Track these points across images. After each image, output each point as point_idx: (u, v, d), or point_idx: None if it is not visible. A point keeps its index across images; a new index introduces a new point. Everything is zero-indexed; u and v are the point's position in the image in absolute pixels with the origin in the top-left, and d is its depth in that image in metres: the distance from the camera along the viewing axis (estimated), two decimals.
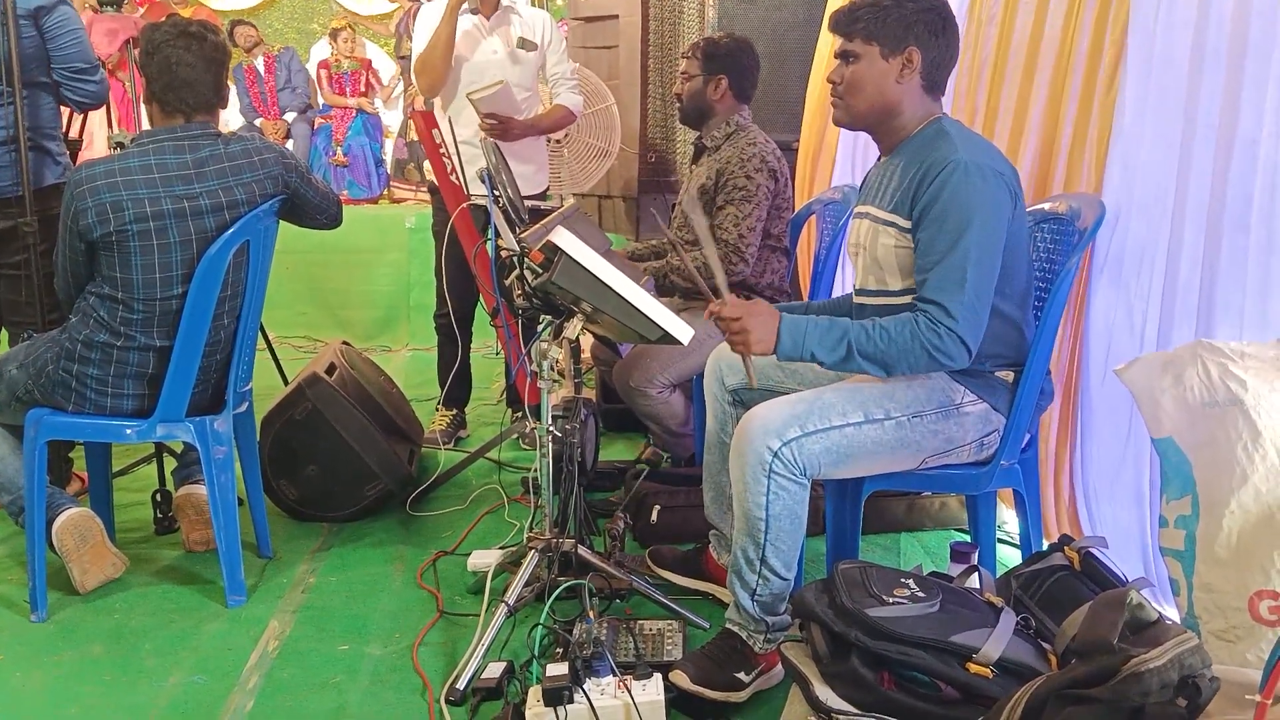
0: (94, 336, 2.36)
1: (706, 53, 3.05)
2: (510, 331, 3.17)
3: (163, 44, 2.32)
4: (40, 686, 2.11)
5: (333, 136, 7.05)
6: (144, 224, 2.29)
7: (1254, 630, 1.64)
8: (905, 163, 2.00)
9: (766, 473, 1.88)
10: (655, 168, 4.29)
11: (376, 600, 2.51)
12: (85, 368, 2.37)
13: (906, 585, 1.72)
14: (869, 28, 1.99)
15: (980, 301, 1.89)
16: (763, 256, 3.02)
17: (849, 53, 2.02)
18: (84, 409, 2.40)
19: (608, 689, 1.88)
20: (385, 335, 5.63)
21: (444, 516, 3.04)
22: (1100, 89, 2.22)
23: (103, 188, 2.27)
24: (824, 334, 1.90)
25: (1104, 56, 2.20)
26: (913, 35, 1.98)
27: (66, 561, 2.44)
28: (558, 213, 2.47)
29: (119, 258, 2.31)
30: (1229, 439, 1.70)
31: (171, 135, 2.35)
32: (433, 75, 3.45)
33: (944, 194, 1.89)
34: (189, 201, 2.33)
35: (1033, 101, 2.47)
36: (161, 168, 2.31)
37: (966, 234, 1.87)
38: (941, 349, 1.86)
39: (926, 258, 1.91)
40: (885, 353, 1.88)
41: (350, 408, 2.95)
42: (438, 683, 2.10)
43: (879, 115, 2.05)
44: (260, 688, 2.11)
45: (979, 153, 1.93)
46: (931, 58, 2.00)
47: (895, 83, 2.00)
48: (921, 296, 1.91)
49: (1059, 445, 2.44)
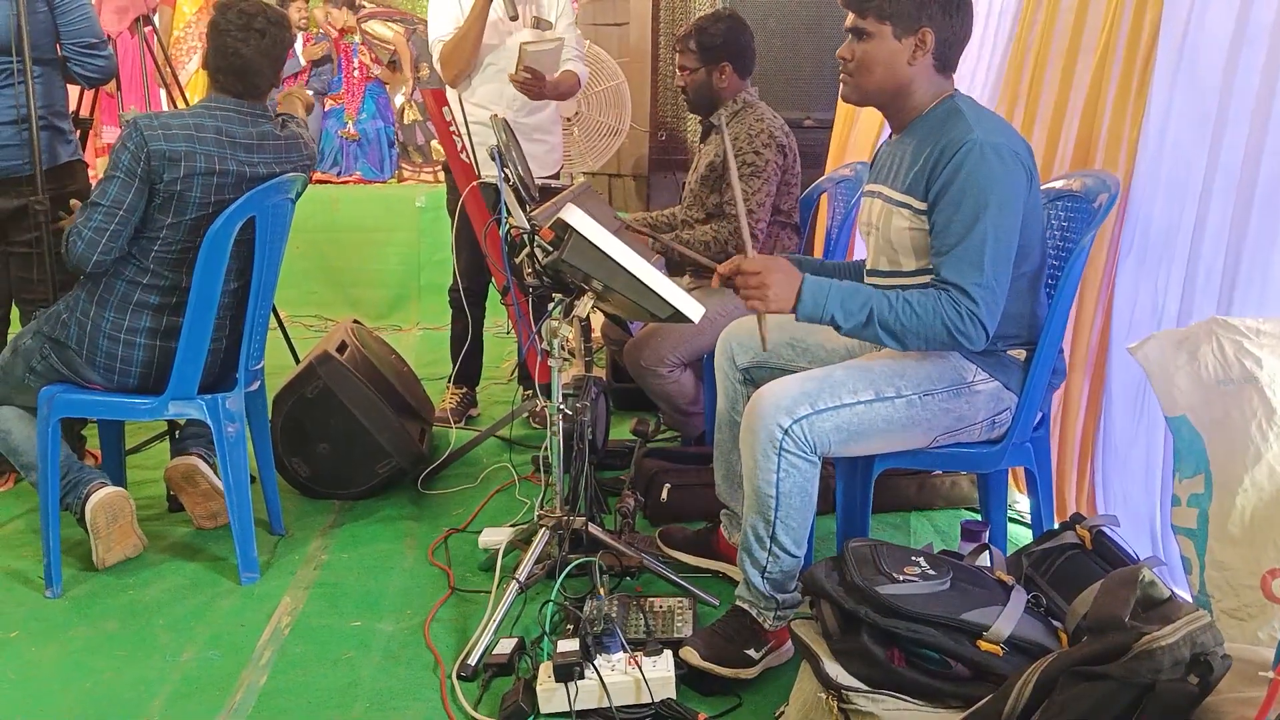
0: (118, 274, 2.39)
1: (702, 44, 3.01)
2: (521, 310, 3.16)
3: (226, 31, 2.39)
4: (54, 661, 2.13)
5: (345, 115, 7.03)
6: (209, 179, 2.36)
7: (1266, 608, 1.63)
8: (918, 142, 1.98)
9: (777, 450, 1.87)
10: (665, 145, 4.28)
11: (388, 577, 2.52)
12: (102, 309, 2.39)
13: (917, 563, 1.72)
14: (882, 6, 1.95)
15: (999, 284, 1.88)
16: (772, 232, 3.01)
17: (860, 30, 1.98)
18: (94, 363, 2.41)
19: (618, 665, 1.89)
20: (396, 314, 5.63)
21: (455, 494, 3.04)
22: (1137, 69, 2.19)
23: (179, 135, 2.32)
24: (847, 297, 1.89)
25: (1142, 36, 2.17)
26: (926, 15, 1.95)
27: (94, 538, 2.47)
28: (568, 190, 2.46)
29: (176, 206, 2.35)
30: (1243, 417, 1.68)
31: (237, 107, 2.43)
32: (460, 66, 3.43)
33: (960, 175, 1.87)
34: (249, 169, 2.42)
35: (1074, 86, 2.44)
36: (230, 133, 2.40)
37: (984, 216, 1.85)
38: (962, 329, 1.86)
39: (943, 240, 1.89)
40: (906, 325, 1.87)
41: (362, 386, 2.95)
42: (449, 659, 2.11)
43: (889, 95, 2.02)
44: (273, 663, 2.12)
45: (994, 131, 1.91)
46: (944, 37, 1.97)
47: (907, 63, 1.97)
48: (940, 277, 1.89)
49: (1087, 425, 2.43)
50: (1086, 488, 2.44)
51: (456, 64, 3.43)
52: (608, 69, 4.30)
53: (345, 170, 7.00)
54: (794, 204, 3.05)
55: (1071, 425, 2.44)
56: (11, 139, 2.80)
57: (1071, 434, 2.45)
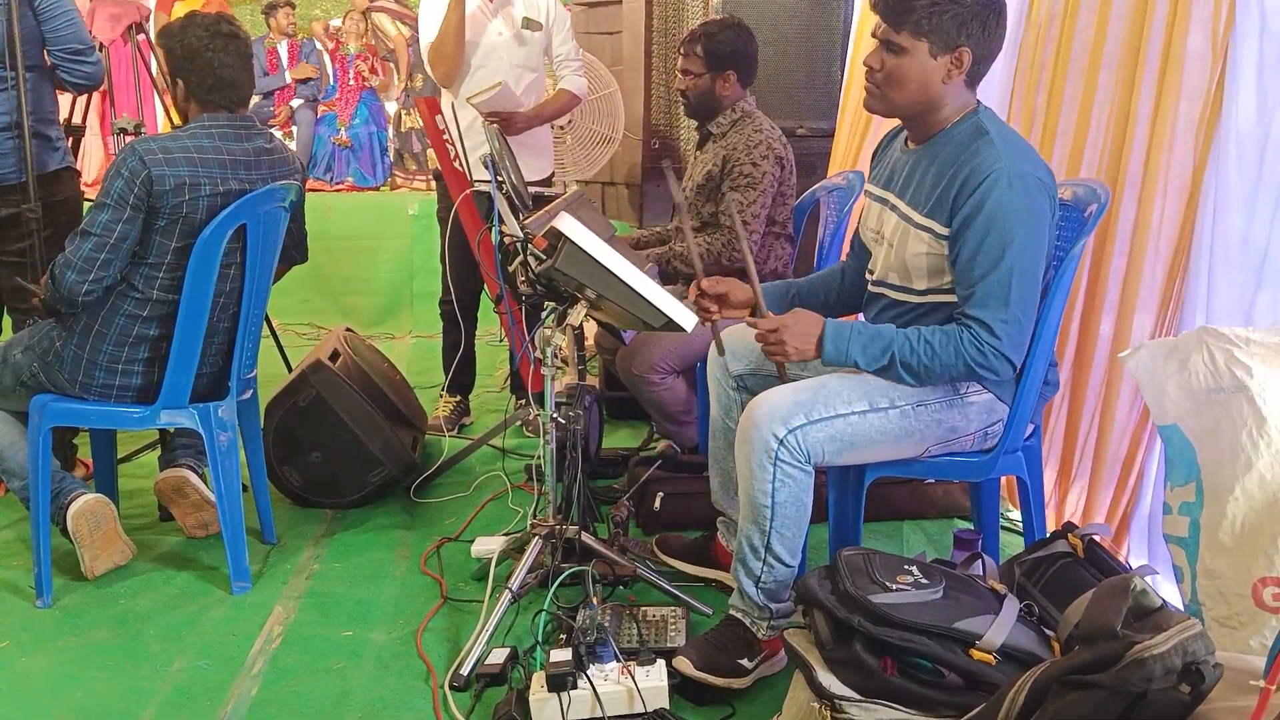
0: (116, 310, 2.36)
1: (709, 50, 3.00)
2: (514, 318, 3.16)
3: (202, 48, 2.35)
4: (45, 671, 2.12)
5: (337, 120, 7.03)
6: (214, 200, 2.35)
7: (1257, 617, 1.63)
8: (941, 163, 1.93)
9: (773, 460, 1.88)
10: (659, 154, 4.27)
11: (380, 586, 2.51)
12: (99, 344, 2.37)
13: (910, 572, 1.72)
14: (920, 22, 1.86)
15: (1025, 316, 1.87)
16: (766, 243, 3.01)
17: (894, 44, 1.90)
18: (89, 390, 2.40)
19: (611, 674, 1.88)
20: (389, 322, 5.63)
21: (448, 503, 3.04)
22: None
23: (180, 160, 2.30)
24: (869, 343, 1.91)
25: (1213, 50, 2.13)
26: (966, 34, 1.87)
27: (79, 547, 2.45)
28: (561, 199, 2.46)
29: (181, 229, 2.33)
30: (1234, 425, 1.69)
31: (231, 124, 2.41)
32: (448, 64, 3.41)
33: (987, 205, 1.84)
34: (249, 186, 2.41)
35: (1097, 100, 2.43)
36: (230, 151, 2.39)
37: (1010, 249, 1.83)
38: (986, 365, 1.86)
39: (969, 273, 1.87)
40: (929, 368, 1.89)
41: (354, 394, 2.95)
42: (441, 668, 2.11)
43: (918, 110, 1.97)
44: (265, 673, 2.11)
45: (1020, 159, 1.87)
46: (980, 54, 1.91)
47: (940, 82, 1.91)
48: (965, 312, 1.88)
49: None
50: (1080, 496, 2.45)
51: (444, 59, 3.39)
52: (601, 77, 4.30)
53: (338, 176, 7.01)
54: (788, 215, 3.05)
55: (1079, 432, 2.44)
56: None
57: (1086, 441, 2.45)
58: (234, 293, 2.47)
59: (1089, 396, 2.44)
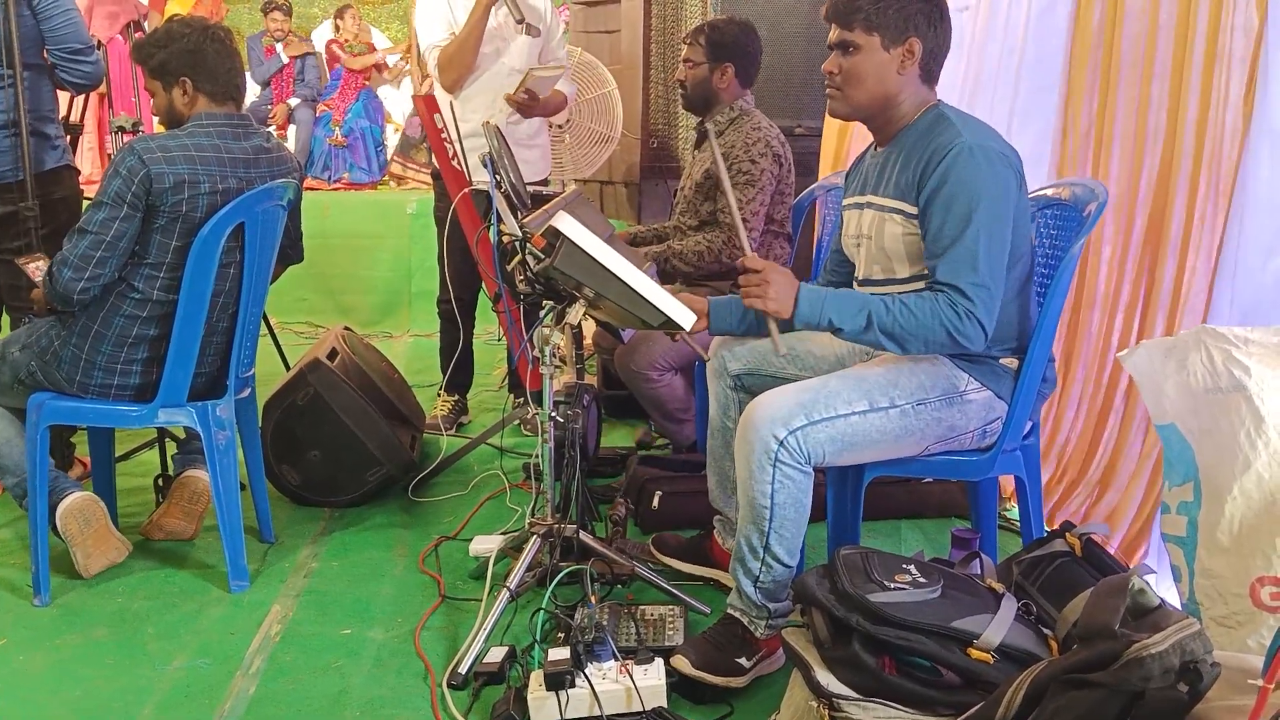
0: (116, 310, 2.36)
1: (712, 40, 3.02)
2: (512, 317, 3.16)
3: (196, 50, 2.37)
4: (43, 670, 2.12)
5: (332, 119, 7.04)
6: (213, 198, 2.35)
7: (1255, 616, 1.64)
8: (907, 150, 2.00)
9: (772, 461, 1.88)
10: (657, 153, 4.27)
11: (378, 585, 2.51)
12: (99, 344, 2.37)
13: (908, 571, 1.72)
14: (870, 17, 1.97)
15: (994, 282, 1.89)
16: (765, 241, 3.01)
17: (848, 43, 2.01)
18: (87, 390, 2.40)
19: (609, 673, 1.88)
20: (387, 321, 5.62)
21: (446, 502, 3.04)
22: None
23: (179, 159, 2.30)
24: (842, 303, 1.91)
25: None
26: (913, 25, 1.98)
27: (70, 546, 2.45)
28: (560, 198, 2.46)
29: (181, 228, 2.33)
30: (1232, 425, 1.69)
31: (229, 122, 2.42)
32: (461, 71, 3.42)
33: (950, 177, 1.89)
34: (247, 185, 2.40)
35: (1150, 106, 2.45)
36: (229, 149, 2.39)
37: (975, 216, 1.87)
38: (961, 330, 1.87)
39: (937, 242, 1.91)
40: (905, 329, 1.88)
41: (352, 393, 2.94)
42: (440, 667, 2.11)
43: (879, 106, 2.04)
44: (263, 671, 2.11)
45: (982, 135, 1.94)
46: (930, 47, 2.00)
47: (896, 74, 2.00)
48: (935, 281, 1.90)
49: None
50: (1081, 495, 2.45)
51: (457, 69, 3.41)
52: (599, 76, 4.30)
53: (335, 173, 7.01)
54: (787, 213, 3.05)
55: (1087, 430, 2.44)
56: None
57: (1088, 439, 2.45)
58: (232, 291, 2.46)
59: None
